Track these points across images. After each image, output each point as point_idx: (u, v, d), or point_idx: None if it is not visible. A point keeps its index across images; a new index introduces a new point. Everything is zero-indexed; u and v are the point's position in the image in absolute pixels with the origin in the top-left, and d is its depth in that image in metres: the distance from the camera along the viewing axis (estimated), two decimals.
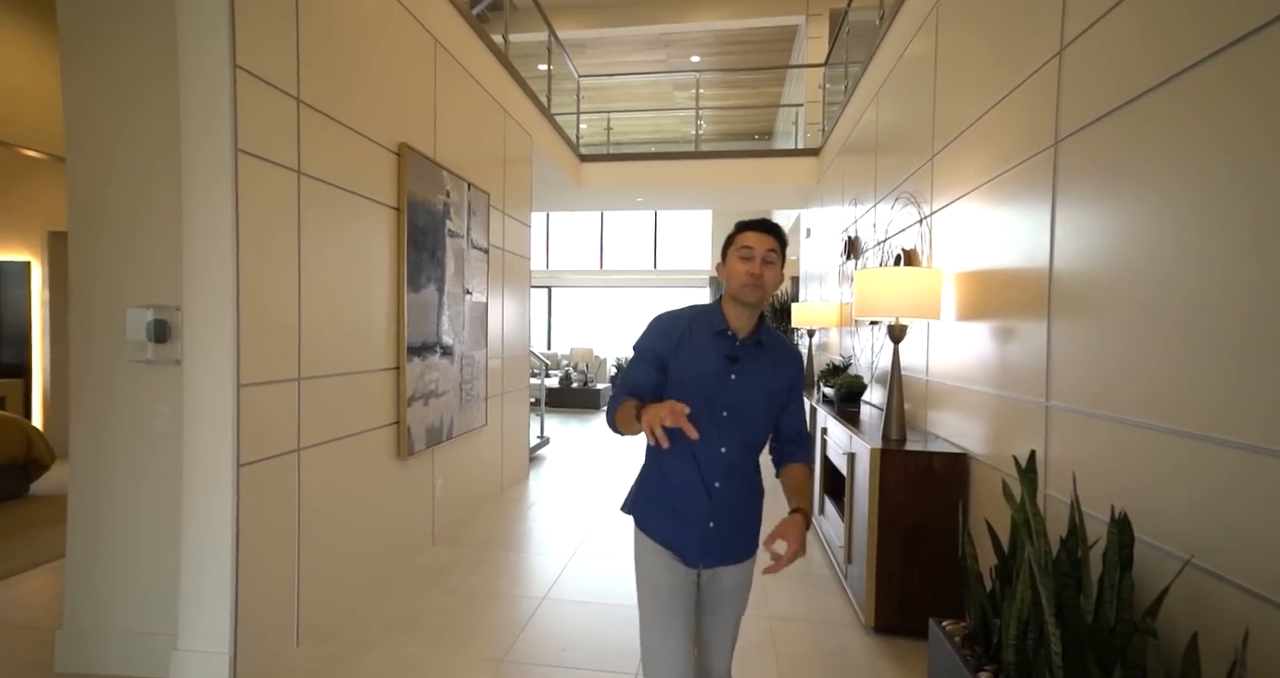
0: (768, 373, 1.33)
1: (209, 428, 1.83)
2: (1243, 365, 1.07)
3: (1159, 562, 1.25)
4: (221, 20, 1.80)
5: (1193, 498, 1.19)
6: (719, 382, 1.29)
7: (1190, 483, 1.19)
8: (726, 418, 1.28)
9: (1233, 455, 1.08)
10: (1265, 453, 1.02)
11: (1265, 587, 1.02)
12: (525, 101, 4.81)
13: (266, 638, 2.00)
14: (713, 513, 1.30)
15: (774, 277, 1.30)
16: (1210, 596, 1.14)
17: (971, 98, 2.33)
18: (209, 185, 1.82)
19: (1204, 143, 1.18)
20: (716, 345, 1.31)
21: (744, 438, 1.30)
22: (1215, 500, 1.13)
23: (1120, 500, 1.37)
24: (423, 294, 3.01)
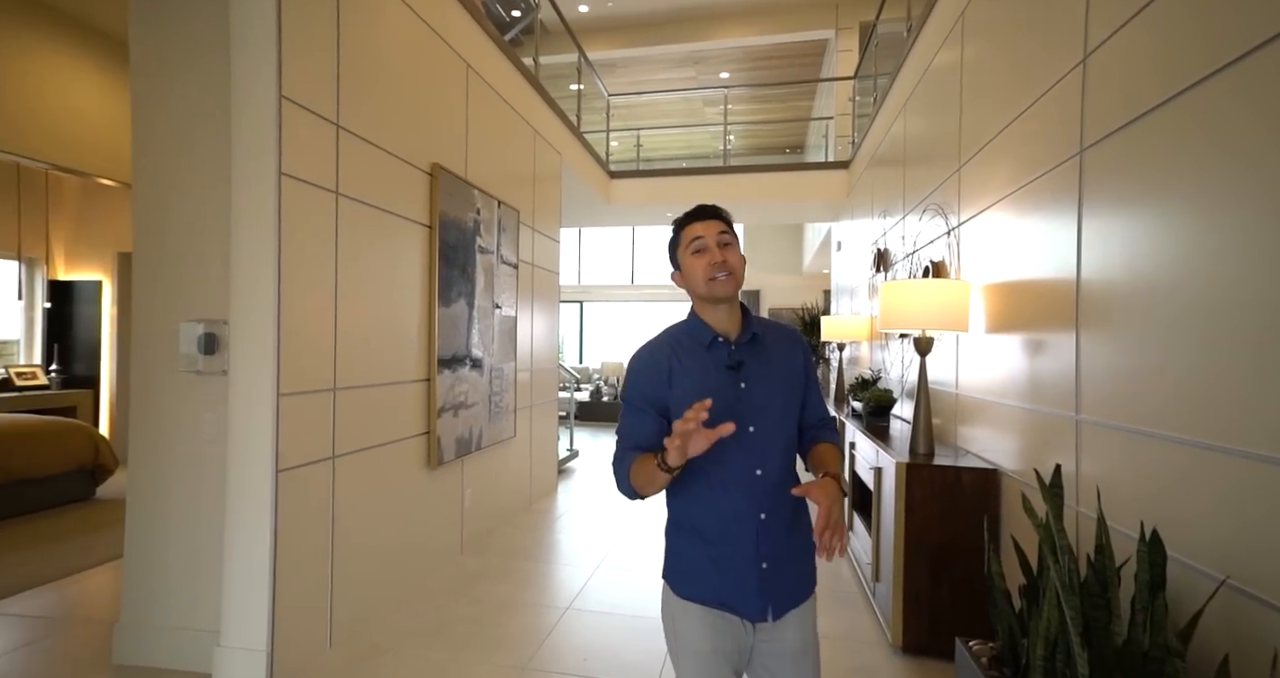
0: (778, 367, 1.16)
1: (251, 435, 1.93)
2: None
3: (1195, 582, 1.20)
4: (270, 55, 1.93)
5: (1229, 516, 1.14)
6: (731, 397, 1.11)
7: (1226, 500, 1.15)
8: (754, 434, 1.10)
9: (1273, 473, 1.04)
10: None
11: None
12: (555, 120, 4.95)
13: (302, 638, 2.08)
14: (766, 551, 1.10)
15: (738, 259, 1.14)
16: (1247, 618, 1.09)
17: (997, 108, 2.31)
18: (255, 207, 1.94)
19: (1233, 149, 1.15)
20: (712, 358, 1.14)
21: (780, 450, 1.13)
22: (1252, 518, 1.09)
23: (1155, 518, 1.32)
24: (453, 308, 3.11)
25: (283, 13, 1.96)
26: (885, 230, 4.43)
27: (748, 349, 1.16)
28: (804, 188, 6.87)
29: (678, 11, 8.76)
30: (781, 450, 1.13)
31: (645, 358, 1.17)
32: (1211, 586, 1.15)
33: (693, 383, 1.12)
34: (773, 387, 1.14)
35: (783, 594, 1.12)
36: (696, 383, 1.12)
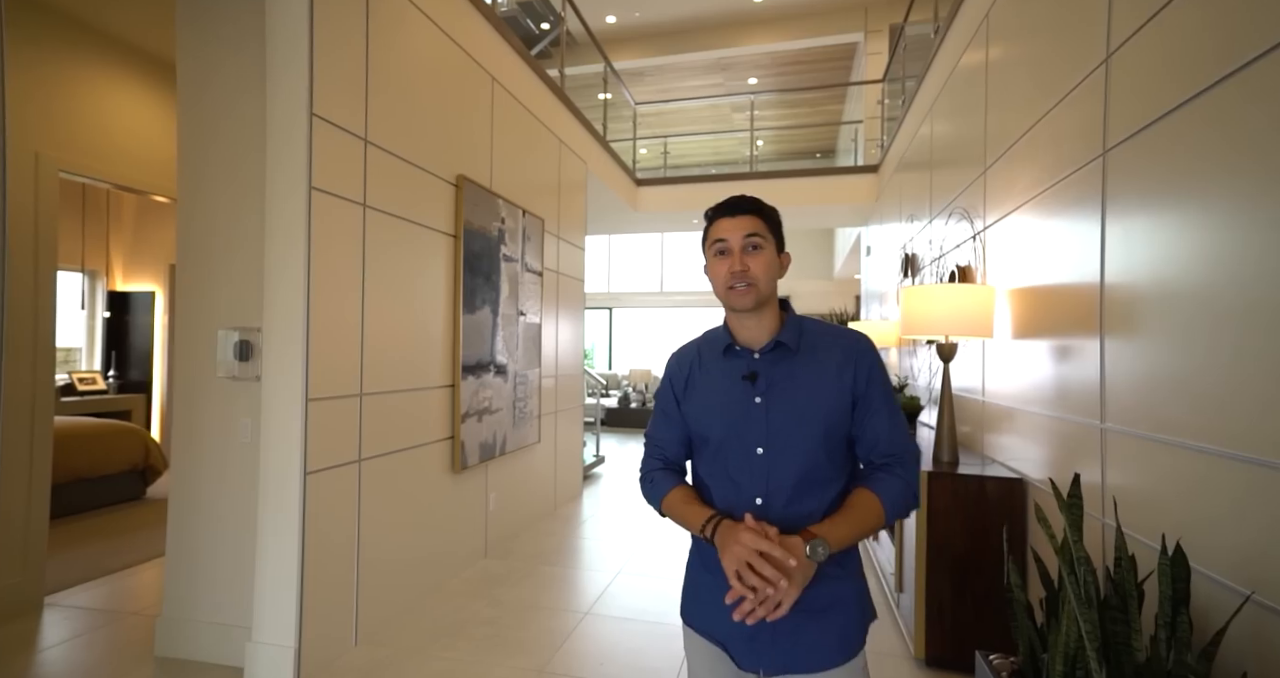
0: (812, 383, 0.98)
1: (281, 438, 2.02)
2: None
3: (1223, 597, 1.15)
4: (302, 75, 2.03)
5: (1254, 528, 1.09)
6: (742, 411, 0.99)
7: (1250, 511, 1.10)
8: (762, 457, 0.97)
9: None
10: None
11: None
12: (580, 130, 5.02)
13: (328, 635, 2.15)
14: None
15: (764, 267, 0.98)
16: (1273, 634, 1.03)
17: (1022, 109, 2.26)
18: (287, 220, 2.04)
19: (1251, 150, 1.11)
20: (730, 367, 1.03)
21: (792, 480, 0.96)
22: (1265, 527, 1.04)
23: (1181, 530, 1.27)
24: (477, 316, 3.18)
25: (315, 34, 2.06)
26: (912, 235, 4.35)
27: (772, 359, 1.01)
28: (833, 192, 6.80)
29: (705, 19, 8.80)
30: (794, 481, 0.96)
31: (673, 361, 1.12)
32: (1237, 600, 1.10)
33: (707, 390, 1.04)
34: (797, 405, 0.97)
35: (788, 651, 0.95)
36: (710, 390, 1.04)
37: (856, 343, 1.02)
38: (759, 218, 1.02)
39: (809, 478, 0.97)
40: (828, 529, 0.91)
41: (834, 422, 0.97)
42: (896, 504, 0.96)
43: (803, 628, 0.96)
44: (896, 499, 0.96)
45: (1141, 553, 1.38)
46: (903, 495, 0.97)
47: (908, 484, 0.97)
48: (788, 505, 0.96)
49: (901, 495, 0.96)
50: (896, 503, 0.96)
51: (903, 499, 0.97)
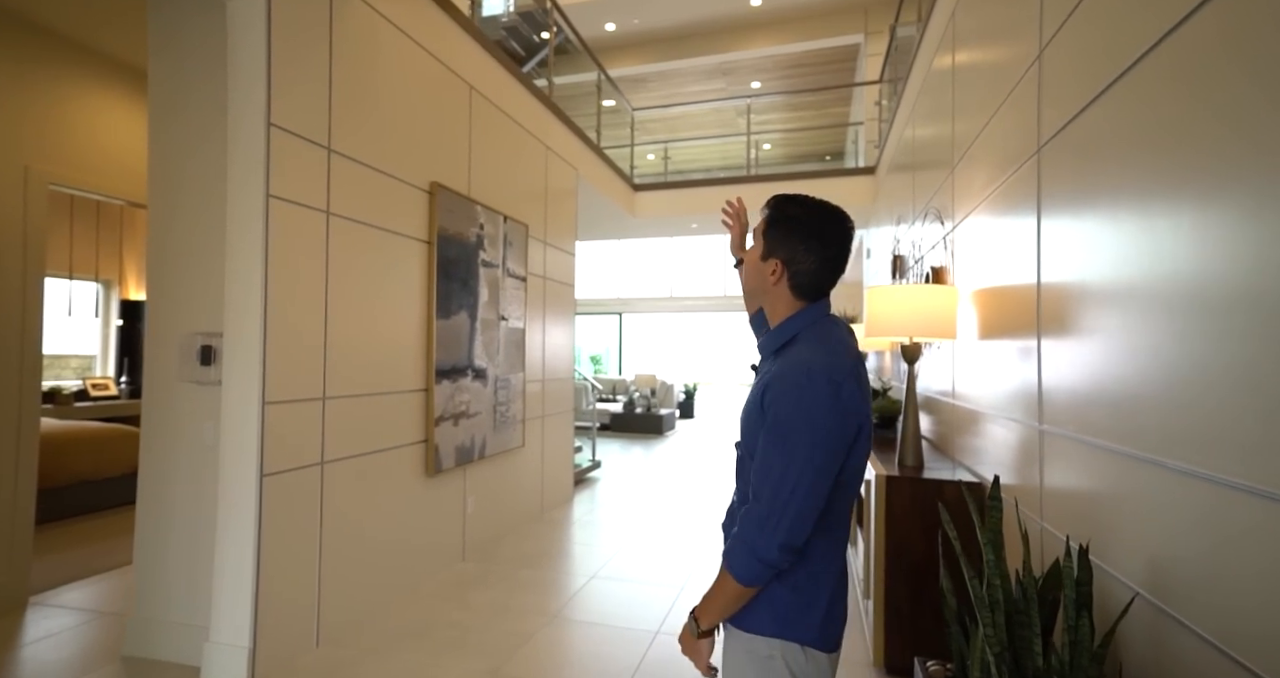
0: (753, 393, 1.00)
1: (239, 441, 2.07)
2: (1228, 396, 0.96)
3: (1125, 596, 1.11)
4: (260, 87, 2.09)
5: (1158, 529, 1.06)
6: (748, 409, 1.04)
7: (1158, 513, 1.07)
8: (739, 458, 1.04)
9: (1196, 485, 0.97)
10: (1239, 489, 0.90)
11: (1200, 622, 0.89)
12: (570, 137, 5.07)
13: (286, 636, 2.18)
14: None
15: (746, 263, 1.04)
16: (1165, 633, 1.00)
17: (980, 108, 2.23)
18: (245, 227, 2.10)
19: (1162, 139, 1.09)
20: None
21: (744, 478, 1.02)
22: (1178, 537, 1.01)
23: (1102, 532, 1.23)
24: (453, 320, 3.22)
25: (273, 47, 2.12)
26: (900, 237, 4.30)
27: (764, 359, 1.06)
28: (832, 194, 6.65)
29: (704, 24, 8.83)
30: (746, 477, 1.01)
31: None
32: (1143, 603, 1.07)
33: None
34: (744, 410, 1.02)
35: None
36: None
37: (782, 372, 0.93)
38: (762, 216, 1.04)
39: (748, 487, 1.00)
40: (701, 604, 1.00)
41: (749, 443, 0.99)
42: (740, 568, 0.92)
43: None
44: (736, 561, 0.92)
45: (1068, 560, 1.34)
46: (742, 558, 0.91)
47: (741, 542, 0.91)
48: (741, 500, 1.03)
49: (740, 558, 0.91)
50: (738, 566, 0.92)
51: (741, 562, 0.91)
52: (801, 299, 1.01)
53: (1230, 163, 0.88)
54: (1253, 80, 0.84)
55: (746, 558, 0.91)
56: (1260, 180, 0.82)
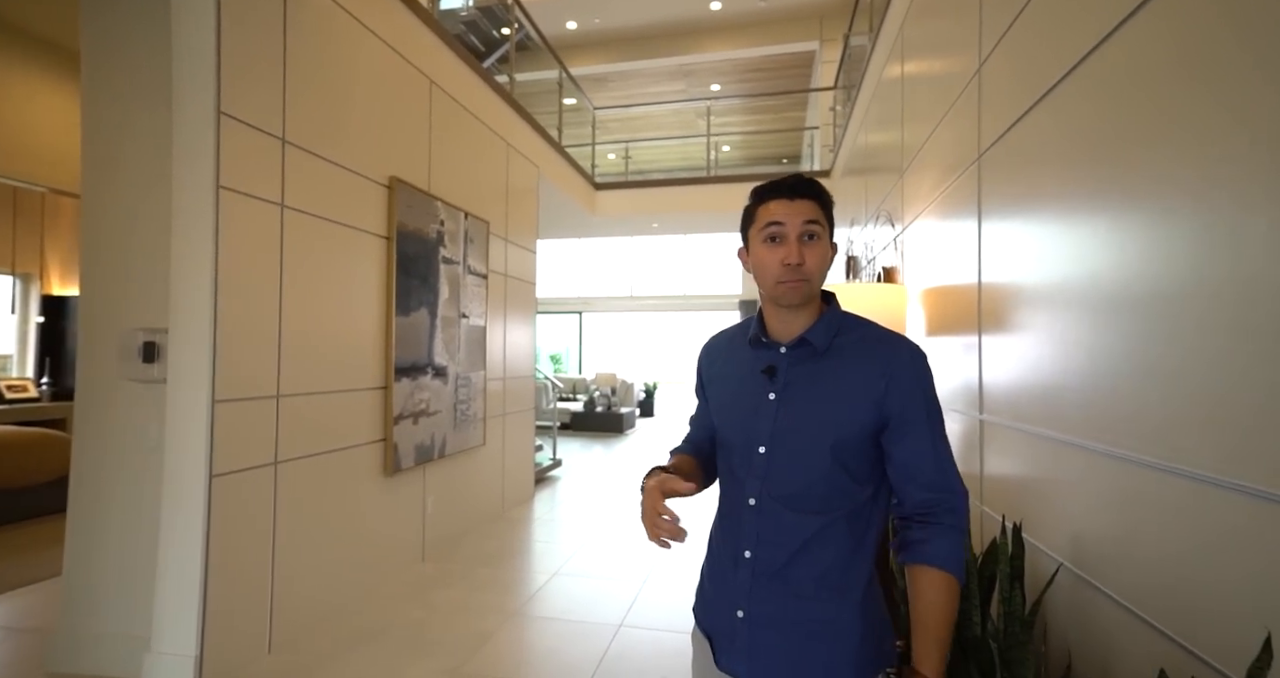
0: (834, 387, 0.88)
1: (185, 441, 1.99)
2: (1137, 378, 1.05)
3: (1063, 572, 1.21)
4: (209, 73, 2.02)
5: (1081, 506, 1.16)
6: (754, 406, 0.92)
7: (1081, 490, 1.17)
8: (763, 456, 0.90)
9: (1112, 465, 1.06)
10: (1146, 466, 1.00)
11: (1111, 585, 0.99)
12: (531, 134, 5.04)
13: (237, 643, 2.11)
14: (742, 597, 0.89)
15: (818, 260, 0.88)
16: (1087, 600, 1.10)
17: (927, 116, 2.35)
18: (193, 218, 2.02)
19: (1083, 151, 1.18)
20: (754, 358, 0.95)
21: (789, 488, 0.88)
22: (1096, 511, 1.11)
23: (1033, 512, 1.34)
24: (413, 317, 3.17)
25: (223, 32, 2.05)
26: (852, 238, 4.47)
27: (799, 355, 0.91)
28: None
29: (665, 26, 8.91)
30: (794, 490, 0.88)
31: (706, 347, 1.07)
32: (1070, 576, 1.17)
33: (728, 378, 0.99)
34: (809, 412, 0.89)
35: (771, 666, 0.87)
36: (731, 379, 0.99)
37: (896, 353, 0.88)
38: (817, 203, 0.89)
39: (809, 492, 0.88)
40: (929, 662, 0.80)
41: (847, 439, 0.86)
42: (961, 567, 0.82)
43: (792, 643, 0.87)
44: (958, 558, 0.82)
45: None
46: (959, 549, 0.82)
47: (956, 541, 0.82)
48: (782, 512, 0.89)
49: (957, 549, 0.82)
50: (960, 565, 0.82)
51: (961, 558, 0.82)
52: None
53: (1140, 176, 0.98)
54: (1152, 103, 0.94)
55: (956, 543, 0.83)
56: (1164, 192, 0.91)
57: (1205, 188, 0.83)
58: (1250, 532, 0.74)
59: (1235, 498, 0.76)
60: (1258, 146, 0.74)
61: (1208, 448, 0.81)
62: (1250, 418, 0.74)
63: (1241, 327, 0.76)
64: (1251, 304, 0.74)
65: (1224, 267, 0.79)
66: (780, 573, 0.88)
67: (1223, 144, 0.80)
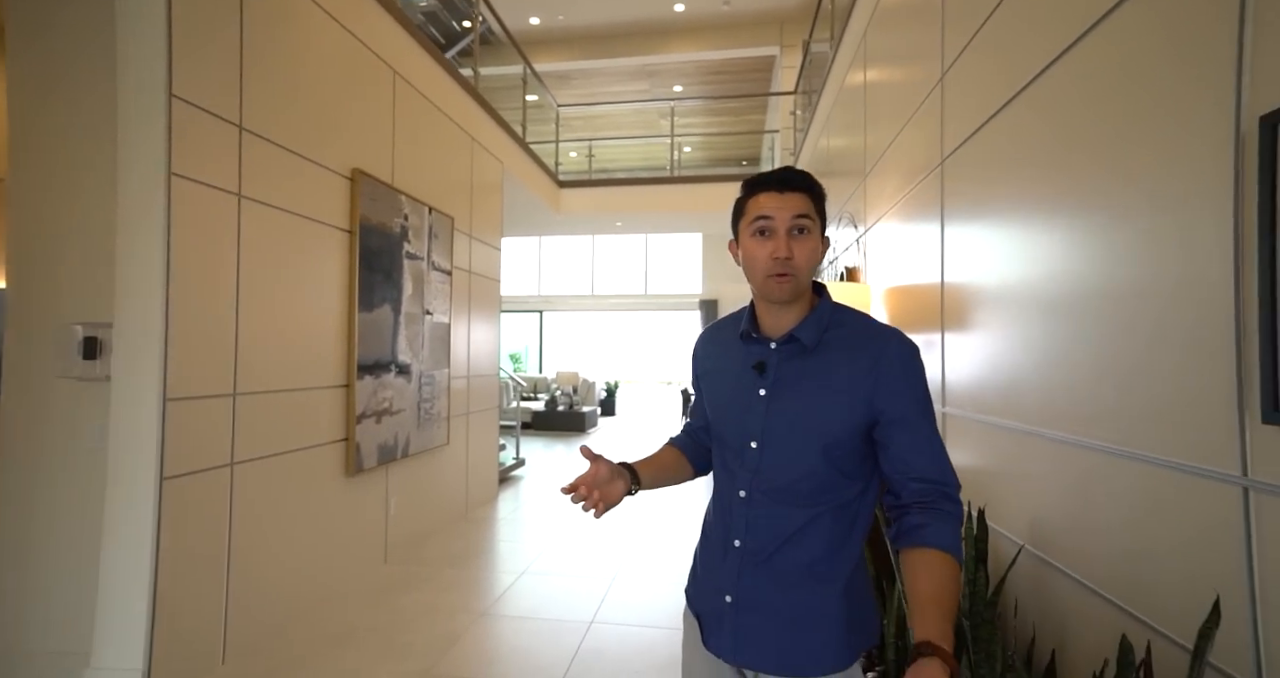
0: (825, 382, 0.88)
1: (133, 442, 1.88)
2: (1091, 372, 1.12)
3: (1022, 554, 1.29)
4: (159, 53, 1.91)
5: (1037, 489, 1.23)
6: (744, 401, 0.93)
7: (1035, 473, 1.24)
8: (755, 451, 0.91)
9: (1070, 452, 1.13)
10: (1096, 450, 1.07)
11: (1064, 560, 1.06)
12: (496, 130, 4.97)
13: (188, 655, 2.01)
14: (731, 583, 0.92)
15: (808, 254, 0.87)
16: (1047, 577, 1.17)
17: (891, 121, 2.44)
18: (142, 207, 1.91)
19: (1038, 157, 1.26)
20: (744, 353, 0.95)
21: (779, 482, 0.90)
22: (1052, 494, 1.18)
23: (993, 497, 1.41)
24: (376, 314, 3.08)
25: (174, 10, 1.94)
26: None
27: (786, 353, 0.91)
28: None
29: (628, 25, 8.92)
30: (791, 478, 0.89)
31: (699, 340, 1.08)
32: (1028, 556, 1.24)
33: (719, 372, 1.00)
34: (798, 409, 0.89)
35: (756, 648, 0.90)
36: (721, 373, 1.00)
37: (885, 348, 0.87)
38: (808, 196, 0.88)
39: (798, 487, 0.89)
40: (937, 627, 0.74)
41: (836, 435, 0.86)
42: (956, 542, 0.81)
43: (776, 629, 0.89)
44: (955, 539, 0.81)
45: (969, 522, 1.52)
46: (955, 531, 0.82)
47: (954, 519, 0.82)
48: (771, 505, 0.90)
49: (955, 532, 0.82)
50: (955, 541, 0.81)
51: (956, 537, 0.81)
52: None
53: (1092, 184, 1.05)
54: (1102, 117, 1.01)
55: (956, 529, 0.82)
56: (1114, 199, 0.99)
57: (1150, 197, 0.90)
58: (1185, 504, 0.81)
59: (1174, 475, 0.83)
60: (1195, 159, 0.81)
61: (1155, 432, 0.88)
62: (1188, 404, 0.81)
63: (1179, 325, 0.82)
64: (1193, 304, 0.81)
65: (1171, 269, 0.86)
66: (767, 562, 0.89)
67: (1165, 156, 0.87)
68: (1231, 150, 0.75)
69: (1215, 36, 0.78)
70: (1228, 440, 0.75)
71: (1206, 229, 0.80)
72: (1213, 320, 0.78)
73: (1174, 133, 0.86)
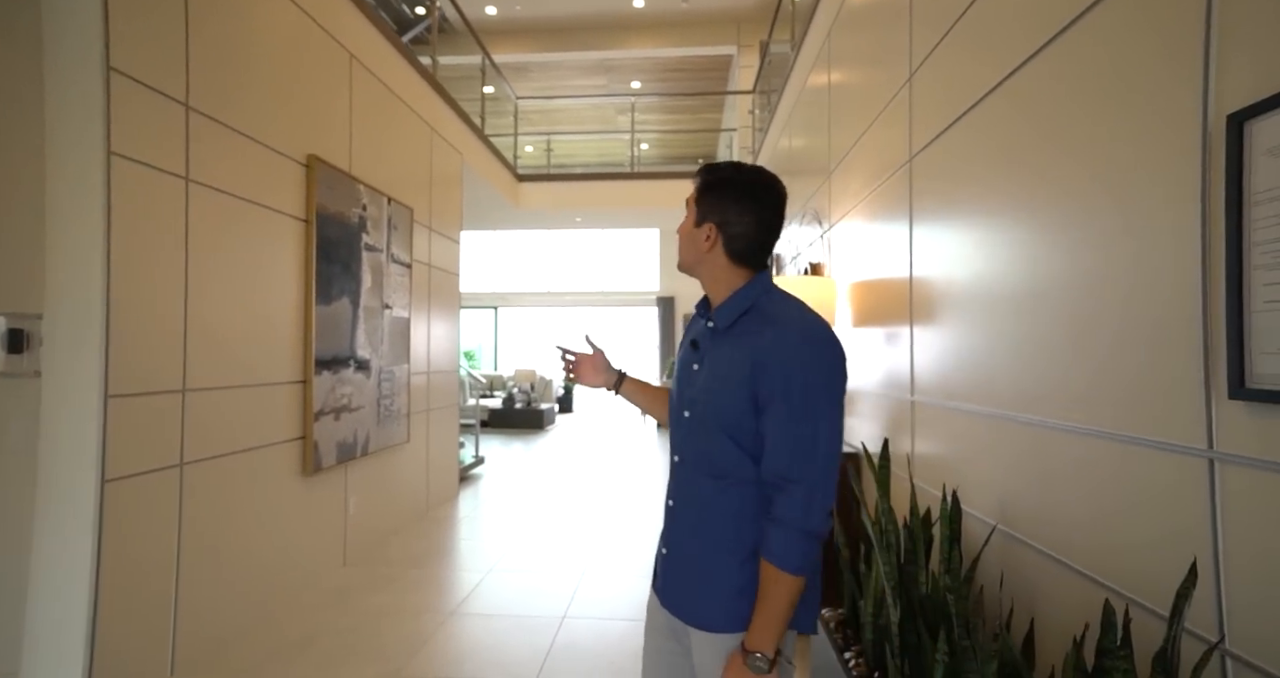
0: (720, 368, 0.94)
1: (69, 442, 1.74)
2: (1064, 359, 1.19)
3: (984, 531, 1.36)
4: (94, 22, 1.77)
5: (1003, 468, 1.30)
6: (686, 373, 1.02)
7: (1002, 454, 1.31)
8: (688, 419, 0.99)
9: (1036, 433, 1.20)
10: (1063, 430, 1.13)
11: (1035, 537, 1.13)
12: (455, 120, 4.84)
13: (131, 668, 1.88)
14: (666, 537, 1.04)
15: (681, 231, 1.02)
16: (1016, 552, 1.24)
17: (856, 120, 2.51)
18: (77, 189, 1.76)
19: (1009, 158, 1.32)
20: (694, 327, 1.06)
21: (698, 449, 0.97)
22: (1021, 474, 1.25)
23: (962, 480, 1.48)
24: (334, 307, 2.96)
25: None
26: None
27: (721, 331, 0.97)
28: None
29: (587, 19, 8.85)
30: (705, 450, 0.96)
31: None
32: (999, 534, 1.30)
33: (681, 345, 1.09)
34: (709, 384, 0.96)
35: (670, 593, 1.00)
36: (681, 347, 1.09)
37: (778, 338, 0.88)
38: (695, 184, 1.00)
39: (708, 459, 0.95)
40: (753, 637, 0.85)
41: (733, 417, 0.90)
42: (789, 555, 0.83)
43: (681, 580, 0.99)
44: (784, 551, 0.83)
45: (936, 504, 1.59)
46: (785, 542, 0.84)
47: (787, 524, 0.84)
48: (692, 472, 0.98)
49: (783, 543, 0.84)
50: (788, 554, 0.83)
51: (788, 546, 0.83)
52: (742, 266, 0.96)
53: (1060, 182, 1.11)
54: (1069, 118, 1.07)
55: (801, 543, 0.83)
56: (1082, 195, 1.05)
57: (1120, 190, 0.96)
58: (1154, 479, 0.87)
59: (1144, 452, 0.89)
60: (1163, 155, 0.87)
61: (1125, 414, 0.94)
62: (1156, 386, 0.87)
63: (1147, 313, 0.89)
64: (1161, 292, 0.87)
65: (1140, 259, 0.92)
66: (688, 523, 0.99)
67: (1136, 151, 0.93)
68: (1199, 146, 0.81)
69: (1183, 38, 0.84)
70: (1195, 418, 0.81)
71: (1173, 221, 0.86)
72: (1179, 307, 0.84)
73: (1144, 130, 0.92)
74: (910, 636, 1.25)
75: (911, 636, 1.25)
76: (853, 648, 1.54)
